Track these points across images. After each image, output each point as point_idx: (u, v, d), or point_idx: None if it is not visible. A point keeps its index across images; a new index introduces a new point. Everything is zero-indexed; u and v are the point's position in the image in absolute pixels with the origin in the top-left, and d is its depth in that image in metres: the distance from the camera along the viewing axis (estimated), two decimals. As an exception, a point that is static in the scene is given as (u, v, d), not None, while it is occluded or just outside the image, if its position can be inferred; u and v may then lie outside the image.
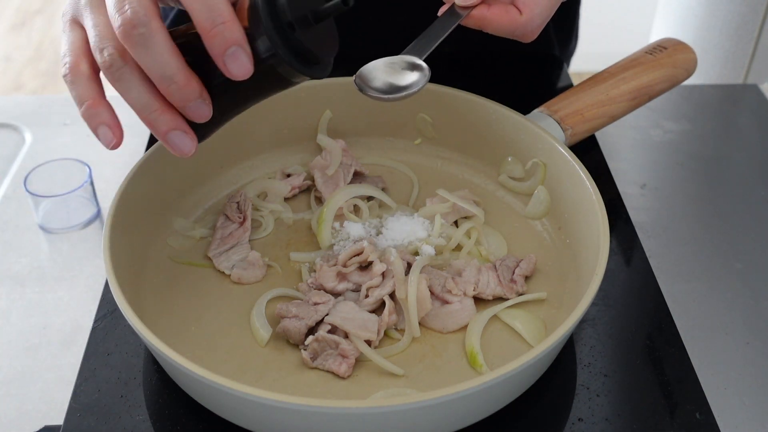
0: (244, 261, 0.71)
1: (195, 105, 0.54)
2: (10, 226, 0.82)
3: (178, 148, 0.56)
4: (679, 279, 0.76)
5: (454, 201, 0.74)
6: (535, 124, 0.74)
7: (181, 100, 0.53)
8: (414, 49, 0.62)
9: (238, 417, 0.57)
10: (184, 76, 0.52)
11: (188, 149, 0.56)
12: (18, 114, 0.98)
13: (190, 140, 0.56)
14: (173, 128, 0.55)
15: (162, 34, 0.51)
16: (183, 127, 0.55)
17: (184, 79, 0.52)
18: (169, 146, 0.56)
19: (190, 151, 0.56)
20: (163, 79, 0.52)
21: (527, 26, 0.63)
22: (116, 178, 0.71)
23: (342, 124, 0.82)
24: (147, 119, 0.55)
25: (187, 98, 0.53)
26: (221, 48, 0.51)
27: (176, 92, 0.53)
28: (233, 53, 0.51)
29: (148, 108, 0.54)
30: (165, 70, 0.52)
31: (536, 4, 0.63)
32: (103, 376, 0.64)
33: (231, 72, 0.52)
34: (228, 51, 0.51)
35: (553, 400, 0.62)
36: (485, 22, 0.64)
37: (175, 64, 0.52)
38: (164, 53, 0.51)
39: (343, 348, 0.62)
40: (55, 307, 0.74)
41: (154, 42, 0.51)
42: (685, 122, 0.96)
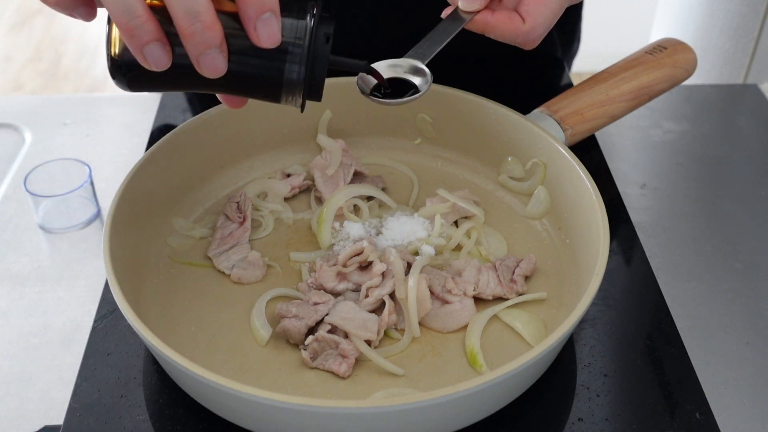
0: (244, 261, 0.71)
1: (213, 54, 0.49)
2: (10, 226, 0.82)
3: (154, 62, 0.50)
4: (679, 279, 0.76)
5: (454, 201, 0.74)
6: (535, 124, 0.74)
7: (201, 43, 0.49)
8: (417, 52, 0.62)
9: (238, 417, 0.57)
10: (211, 17, 0.49)
11: (164, 64, 0.51)
12: (18, 114, 0.98)
13: (167, 55, 0.50)
14: (154, 39, 0.49)
15: None
16: (163, 40, 0.50)
17: (210, 20, 0.48)
18: (144, 59, 0.50)
19: (164, 66, 0.51)
20: (189, 15, 0.48)
21: (529, 35, 0.63)
22: (116, 178, 0.71)
23: (342, 124, 0.82)
24: (127, 26, 0.49)
25: (207, 42, 0.49)
26: (257, 11, 0.49)
27: (199, 33, 0.48)
28: (268, 19, 0.49)
29: (131, 12, 0.48)
30: (193, 5, 0.48)
31: (539, 13, 0.63)
32: (103, 376, 0.64)
33: (260, 37, 0.49)
34: (263, 15, 0.49)
35: (553, 400, 0.62)
36: (488, 27, 0.64)
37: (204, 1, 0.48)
38: None
39: (343, 348, 0.62)
40: (55, 307, 0.74)
41: None
42: (685, 122, 0.96)
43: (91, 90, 2.55)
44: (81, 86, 2.57)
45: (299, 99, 0.54)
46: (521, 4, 0.63)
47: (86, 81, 2.60)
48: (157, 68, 0.51)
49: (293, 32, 0.52)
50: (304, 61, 0.52)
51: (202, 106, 0.79)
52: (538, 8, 0.63)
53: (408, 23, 0.82)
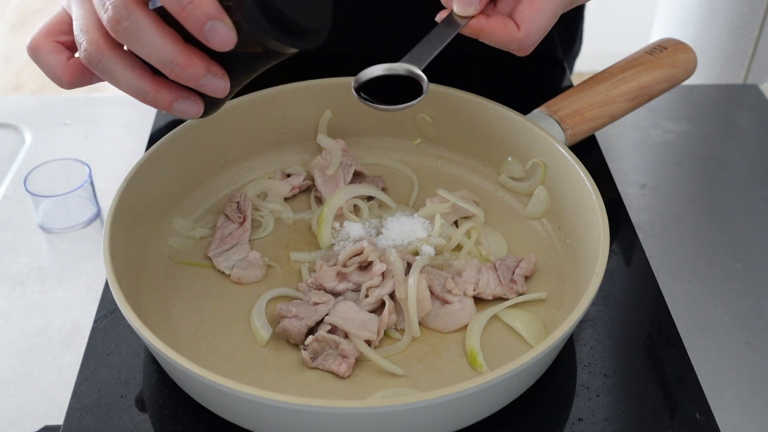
0: (244, 261, 0.71)
1: (207, 81, 0.53)
2: (10, 226, 0.82)
3: (186, 114, 0.56)
4: (679, 279, 0.76)
5: (454, 201, 0.74)
6: (535, 124, 0.74)
7: (189, 80, 0.53)
8: (413, 57, 0.62)
9: (238, 417, 0.57)
10: (184, 57, 0.52)
11: (196, 112, 0.56)
12: (18, 114, 0.98)
13: (194, 103, 0.56)
14: (174, 100, 0.55)
15: (148, 22, 0.51)
16: (183, 95, 0.55)
17: (184, 60, 0.52)
18: (178, 115, 0.56)
19: (198, 113, 0.56)
20: (164, 65, 0.52)
21: (524, 42, 0.64)
22: (116, 178, 0.71)
23: (342, 124, 0.82)
24: (146, 101, 0.55)
25: (195, 77, 0.53)
26: (198, 26, 0.50)
27: (181, 74, 0.52)
28: (210, 28, 0.50)
29: (142, 92, 0.54)
30: (161, 56, 0.51)
31: (534, 21, 0.63)
32: (103, 376, 0.64)
33: (214, 46, 0.51)
34: (205, 27, 0.50)
35: (553, 400, 0.62)
36: (483, 33, 0.64)
37: (169, 47, 0.51)
38: (155, 40, 0.51)
39: (343, 348, 0.62)
40: (55, 307, 0.74)
41: (141, 32, 0.51)
42: (685, 122, 0.96)
43: (91, 90, 2.55)
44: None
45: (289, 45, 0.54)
46: (516, 11, 0.64)
47: (86, 81, 2.59)
48: (192, 117, 0.56)
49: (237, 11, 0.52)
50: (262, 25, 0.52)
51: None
52: (533, 16, 0.63)
53: (404, 22, 0.82)
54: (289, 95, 0.79)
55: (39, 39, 0.58)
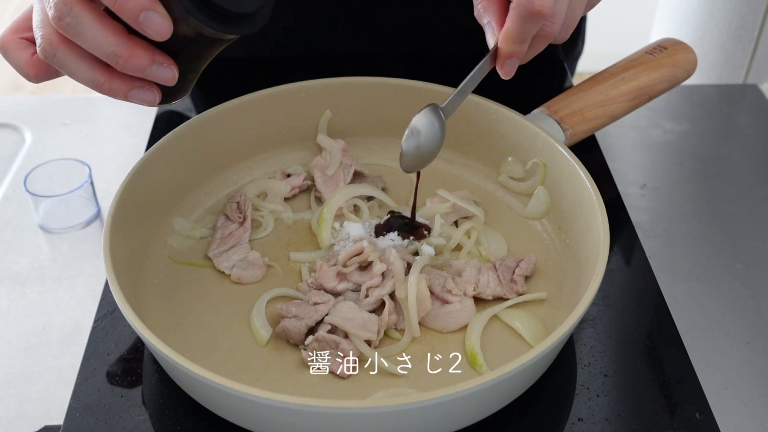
0: (244, 261, 0.71)
1: (153, 71, 0.54)
2: (10, 226, 0.82)
3: (144, 103, 0.56)
4: (679, 279, 0.76)
5: (454, 201, 0.74)
6: (535, 124, 0.74)
7: (135, 70, 0.54)
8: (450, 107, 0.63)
9: (238, 417, 0.57)
10: (126, 48, 0.53)
11: (153, 100, 0.57)
12: (18, 114, 0.98)
13: (149, 92, 0.56)
14: (128, 89, 0.55)
15: (89, 16, 0.52)
16: (137, 84, 0.56)
17: (127, 52, 0.53)
18: (137, 103, 0.57)
19: (155, 101, 0.57)
20: (109, 57, 0.53)
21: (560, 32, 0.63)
22: (116, 178, 0.71)
23: (342, 124, 0.82)
24: (102, 92, 0.56)
25: (140, 67, 0.53)
26: (133, 17, 0.51)
27: (126, 66, 0.53)
28: (145, 18, 0.51)
29: (97, 83, 0.55)
30: (105, 49, 0.52)
31: None
32: (103, 376, 0.64)
33: (150, 35, 0.52)
34: (139, 18, 0.51)
35: (553, 400, 0.62)
36: None
37: (112, 40, 0.52)
38: (97, 34, 0.52)
39: (343, 348, 0.62)
40: (55, 307, 0.74)
41: (83, 27, 0.52)
42: (685, 122, 0.96)
43: (91, 90, 2.55)
44: (81, 86, 2.56)
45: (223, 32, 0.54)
46: None
47: (86, 81, 2.59)
48: (150, 104, 0.57)
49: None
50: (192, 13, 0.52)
51: (203, 105, 0.79)
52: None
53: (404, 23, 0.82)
54: (289, 95, 0.79)
55: (6, 36, 0.59)
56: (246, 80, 0.69)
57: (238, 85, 0.79)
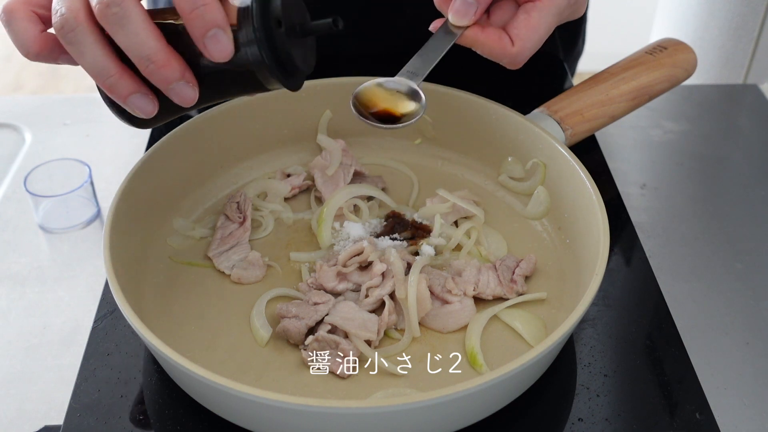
0: (244, 261, 0.71)
1: (178, 87, 0.53)
2: (10, 226, 0.82)
3: (137, 111, 0.54)
4: (679, 279, 0.76)
5: (454, 201, 0.74)
6: (535, 124, 0.74)
7: (161, 81, 0.52)
8: (410, 71, 0.62)
9: (238, 417, 0.57)
10: (164, 56, 0.51)
11: (148, 111, 0.55)
12: (18, 114, 0.98)
13: (151, 102, 0.54)
14: (133, 92, 0.53)
15: (138, 12, 0.51)
16: (143, 90, 0.54)
17: (163, 60, 0.51)
18: (130, 109, 0.55)
19: (150, 114, 0.55)
20: (142, 60, 0.51)
21: (516, 57, 0.64)
22: (116, 178, 0.71)
23: (342, 124, 0.82)
24: (104, 85, 0.53)
25: (167, 79, 0.52)
26: (202, 30, 0.50)
27: (155, 72, 0.52)
28: (214, 35, 0.51)
29: (104, 73, 0.52)
30: (142, 50, 0.51)
31: (528, 38, 0.64)
32: (103, 376, 0.64)
33: (211, 54, 0.51)
34: (209, 33, 0.50)
35: (553, 400, 0.62)
36: (477, 44, 0.64)
37: (153, 44, 0.51)
38: (141, 32, 0.51)
39: (343, 348, 0.62)
40: (55, 307, 0.74)
41: (129, 20, 0.50)
42: (685, 122, 0.96)
43: (91, 90, 2.54)
44: (81, 86, 2.57)
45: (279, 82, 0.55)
46: (511, 26, 0.64)
47: (86, 81, 2.59)
48: (145, 115, 0.55)
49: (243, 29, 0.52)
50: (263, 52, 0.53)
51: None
52: (528, 33, 0.64)
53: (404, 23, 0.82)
54: (289, 95, 0.79)
55: (16, 4, 0.56)
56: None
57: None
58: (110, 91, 0.54)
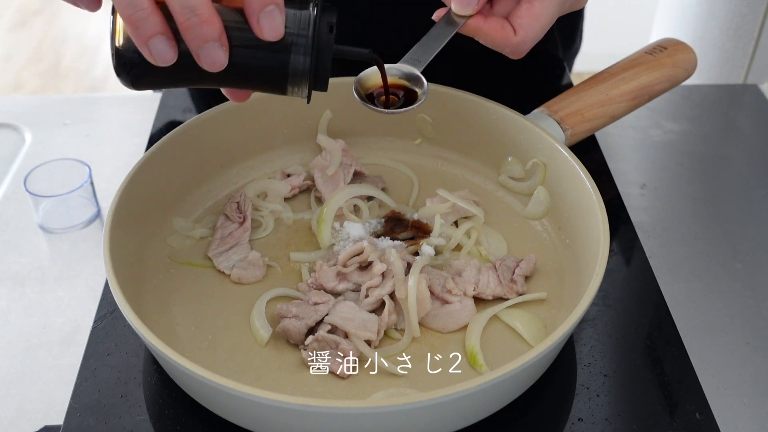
0: (244, 261, 0.71)
1: (211, 48, 0.50)
2: (10, 226, 0.82)
3: (159, 56, 0.51)
4: (679, 279, 0.76)
5: (454, 201, 0.74)
6: (535, 124, 0.74)
7: (198, 37, 0.49)
8: (412, 59, 0.62)
9: (238, 417, 0.57)
10: (208, 11, 0.49)
11: (164, 60, 0.51)
12: (18, 114, 0.98)
13: (170, 50, 0.51)
14: (157, 33, 0.49)
15: None
16: (168, 33, 0.50)
17: (207, 15, 0.49)
18: (149, 52, 0.50)
19: (165, 62, 0.51)
20: (185, 9, 0.49)
21: (519, 47, 0.64)
22: (116, 178, 0.71)
23: (342, 124, 0.82)
24: (132, 18, 0.49)
25: (205, 36, 0.49)
26: (260, 3, 0.49)
27: (195, 27, 0.49)
28: (271, 12, 0.50)
29: (136, 5, 0.48)
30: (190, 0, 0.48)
31: (531, 27, 0.64)
32: (103, 376, 0.64)
33: (262, 30, 0.50)
34: (268, 8, 0.49)
35: (553, 400, 0.62)
36: (480, 33, 0.64)
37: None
38: None
39: (343, 348, 0.62)
40: (55, 307, 0.74)
41: None
42: (685, 122, 0.96)
43: (91, 90, 2.55)
44: (81, 86, 2.57)
45: (305, 90, 0.55)
46: (514, 16, 0.64)
47: (86, 81, 2.60)
48: (162, 62, 0.51)
49: (297, 23, 0.52)
50: (309, 51, 0.53)
51: (203, 105, 0.79)
52: (531, 23, 0.63)
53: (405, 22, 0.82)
54: (289, 95, 0.79)
55: None
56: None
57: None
58: (135, 26, 0.49)
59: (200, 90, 0.95)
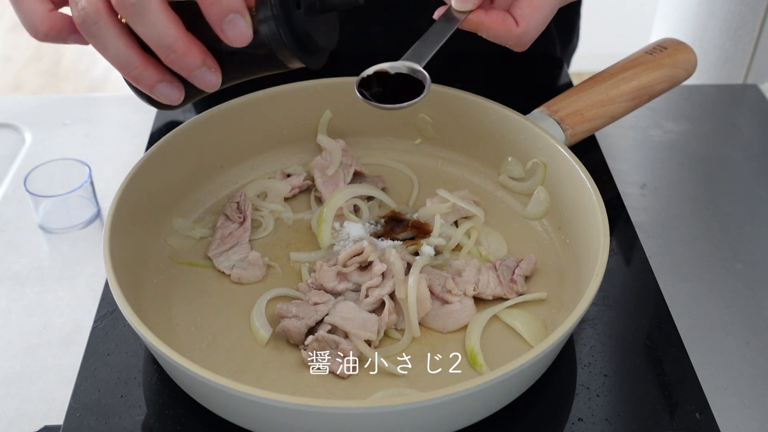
0: (244, 261, 0.71)
1: (200, 73, 0.53)
2: (10, 226, 0.82)
3: (165, 99, 0.55)
4: (679, 279, 0.76)
5: (454, 201, 0.74)
6: (535, 124, 0.74)
7: (183, 68, 0.52)
8: (414, 55, 0.62)
9: (238, 417, 0.57)
10: (184, 44, 0.51)
11: (176, 99, 0.55)
12: (18, 114, 0.98)
13: (177, 89, 0.55)
14: (159, 81, 0.54)
15: (156, 5, 0.50)
16: (168, 78, 0.54)
17: (183, 48, 0.51)
18: (156, 97, 0.55)
19: (178, 100, 0.56)
20: (162, 49, 0.51)
21: (522, 38, 0.64)
22: (116, 178, 0.71)
23: (342, 124, 0.82)
24: (129, 76, 0.54)
25: (189, 67, 0.52)
26: (220, 16, 0.50)
27: (177, 61, 0.52)
28: (232, 20, 0.51)
29: (129, 65, 0.53)
30: (162, 39, 0.51)
31: (533, 18, 0.63)
32: (103, 376, 0.64)
33: (229, 39, 0.51)
34: (227, 18, 0.50)
35: (553, 400, 0.62)
36: (482, 27, 0.64)
37: (173, 32, 0.51)
38: (160, 22, 0.51)
39: (343, 348, 0.62)
40: (55, 307, 0.74)
41: (149, 11, 0.50)
42: (685, 122, 0.96)
43: (91, 90, 2.55)
44: (81, 86, 2.57)
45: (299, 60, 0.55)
46: (515, 7, 0.64)
47: (86, 81, 2.60)
48: (172, 102, 0.55)
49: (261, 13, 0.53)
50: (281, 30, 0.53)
51: (203, 106, 0.78)
52: (532, 13, 0.63)
53: (405, 22, 0.82)
54: (289, 95, 0.79)
55: None
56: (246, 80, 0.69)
57: (238, 85, 0.79)
58: (136, 81, 0.54)
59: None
